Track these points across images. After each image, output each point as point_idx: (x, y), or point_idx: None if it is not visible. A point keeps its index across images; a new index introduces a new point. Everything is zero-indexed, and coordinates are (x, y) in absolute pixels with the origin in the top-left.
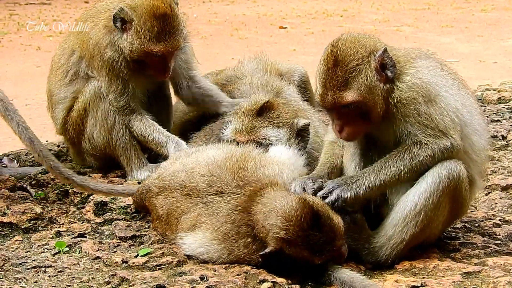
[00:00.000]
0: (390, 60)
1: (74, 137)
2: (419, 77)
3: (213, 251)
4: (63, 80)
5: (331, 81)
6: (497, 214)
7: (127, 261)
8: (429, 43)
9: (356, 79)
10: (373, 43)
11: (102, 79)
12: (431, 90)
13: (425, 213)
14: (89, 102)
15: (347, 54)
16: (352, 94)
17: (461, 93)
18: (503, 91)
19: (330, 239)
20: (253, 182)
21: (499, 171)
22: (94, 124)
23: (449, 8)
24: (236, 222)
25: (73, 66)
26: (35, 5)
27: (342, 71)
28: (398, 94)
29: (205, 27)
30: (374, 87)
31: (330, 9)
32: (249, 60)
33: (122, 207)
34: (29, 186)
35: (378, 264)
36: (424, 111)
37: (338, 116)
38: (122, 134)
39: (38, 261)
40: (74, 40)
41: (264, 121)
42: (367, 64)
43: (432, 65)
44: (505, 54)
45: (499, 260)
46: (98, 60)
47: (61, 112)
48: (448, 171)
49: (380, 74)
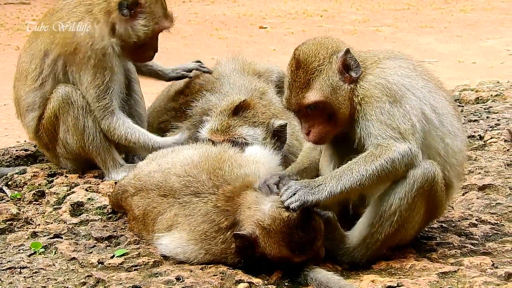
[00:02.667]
0: (353, 61)
1: (48, 143)
2: (384, 77)
3: (190, 251)
4: (33, 84)
5: (294, 83)
6: (473, 214)
7: (103, 262)
8: (408, 43)
9: (317, 80)
10: (336, 45)
11: (85, 74)
12: (397, 91)
13: (400, 214)
14: (59, 108)
15: (309, 56)
16: (314, 94)
17: (433, 95)
18: (480, 91)
19: (312, 239)
20: (230, 181)
21: (476, 171)
22: (66, 130)
23: (428, 9)
24: (215, 222)
25: (47, 68)
26: (14, 5)
27: (304, 73)
28: (361, 92)
29: (185, 26)
30: (338, 88)
31: (310, 9)
32: (226, 61)
33: (99, 207)
34: (5, 186)
35: (354, 264)
36: (388, 110)
37: (305, 118)
38: (93, 138)
39: (13, 262)
40: (47, 40)
41: (240, 120)
42: (329, 65)
43: (401, 66)
44: (484, 54)
45: (475, 260)
46: (84, 53)
47: (32, 121)
48: (422, 171)
49: (343, 75)
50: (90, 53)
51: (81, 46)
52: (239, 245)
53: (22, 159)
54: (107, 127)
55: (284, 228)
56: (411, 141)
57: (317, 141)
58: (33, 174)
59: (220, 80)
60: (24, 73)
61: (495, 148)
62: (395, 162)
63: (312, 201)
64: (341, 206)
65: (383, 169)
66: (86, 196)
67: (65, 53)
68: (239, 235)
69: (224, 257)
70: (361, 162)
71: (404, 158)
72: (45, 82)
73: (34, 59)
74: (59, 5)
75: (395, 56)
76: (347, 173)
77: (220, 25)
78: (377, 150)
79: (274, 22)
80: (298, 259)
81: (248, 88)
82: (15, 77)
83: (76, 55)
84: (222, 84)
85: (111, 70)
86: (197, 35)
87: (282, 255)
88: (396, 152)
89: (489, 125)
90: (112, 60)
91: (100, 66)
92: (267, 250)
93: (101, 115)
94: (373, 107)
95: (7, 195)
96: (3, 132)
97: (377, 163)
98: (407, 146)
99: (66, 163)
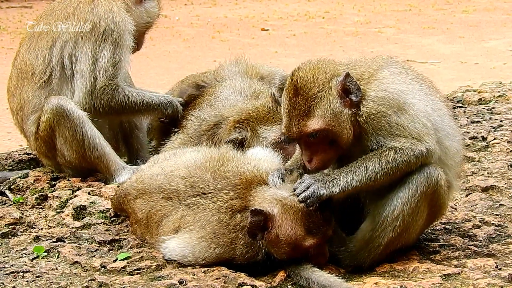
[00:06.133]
0: (353, 85)
1: (47, 153)
2: (384, 89)
3: (199, 249)
4: (41, 79)
5: (294, 111)
6: (477, 216)
7: (105, 266)
8: (410, 44)
9: (318, 107)
10: (333, 68)
11: (105, 50)
12: (399, 99)
13: (403, 218)
14: (53, 121)
15: (307, 82)
16: (316, 122)
17: (429, 97)
18: (483, 92)
19: (327, 222)
20: (238, 174)
21: (479, 172)
22: (64, 142)
23: (430, 10)
24: (227, 209)
25: (55, 57)
26: (16, 9)
27: (304, 100)
28: (365, 110)
29: (187, 29)
30: (339, 113)
31: (312, 11)
32: (229, 64)
33: (101, 211)
34: (8, 190)
35: (358, 267)
36: (395, 121)
37: (306, 146)
38: (94, 146)
39: (16, 266)
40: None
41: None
42: (328, 90)
43: (396, 72)
44: (486, 55)
45: (479, 262)
46: (104, 27)
47: (33, 124)
48: (426, 176)
49: (343, 99)
50: (112, 26)
51: (101, 21)
52: (253, 223)
53: (24, 163)
54: (121, 100)
55: (304, 207)
56: (428, 140)
57: (319, 168)
58: (36, 178)
59: (222, 83)
60: (30, 71)
61: (498, 149)
62: (411, 163)
63: (326, 195)
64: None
65: (398, 169)
66: (88, 199)
67: (78, 34)
68: (257, 211)
69: (233, 248)
70: (376, 160)
71: (419, 159)
72: (53, 75)
73: (40, 53)
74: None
75: (386, 62)
76: (362, 168)
77: (222, 28)
78: (392, 151)
79: (276, 24)
80: (311, 242)
81: (248, 92)
82: (16, 84)
83: (95, 30)
84: (223, 87)
85: (128, 50)
86: (199, 38)
87: (296, 236)
88: (412, 156)
89: (492, 126)
90: (129, 39)
91: (119, 43)
92: (282, 230)
93: (112, 93)
94: (381, 122)
95: (9, 199)
96: (6, 136)
97: (392, 164)
98: (424, 147)
99: (68, 171)
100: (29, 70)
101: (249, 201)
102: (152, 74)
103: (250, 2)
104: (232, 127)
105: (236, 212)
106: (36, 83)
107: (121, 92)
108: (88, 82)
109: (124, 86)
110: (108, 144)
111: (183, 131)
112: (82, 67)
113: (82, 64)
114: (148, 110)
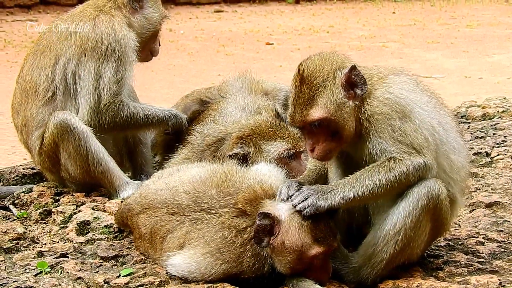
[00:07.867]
0: (359, 78)
1: (52, 167)
2: (391, 92)
3: (205, 264)
4: (45, 97)
5: (298, 99)
6: (480, 232)
7: (109, 282)
8: (415, 58)
9: (321, 96)
10: (341, 61)
11: (108, 68)
12: (405, 106)
13: (405, 232)
14: (57, 135)
15: (313, 71)
16: (318, 110)
17: (438, 110)
18: (487, 108)
19: (333, 233)
20: (243, 189)
21: (483, 188)
22: (67, 157)
23: (434, 24)
24: (232, 227)
25: (58, 74)
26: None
27: (308, 88)
28: (369, 108)
29: (191, 43)
30: (342, 104)
31: (317, 25)
32: (233, 79)
33: (105, 226)
34: (11, 205)
35: (360, 284)
36: (399, 127)
37: (309, 135)
38: (98, 161)
39: (20, 282)
40: (57, 47)
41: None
42: (333, 81)
43: (406, 81)
44: (491, 70)
45: (482, 279)
46: (107, 45)
47: (37, 140)
48: (427, 190)
49: (347, 91)
50: (114, 44)
51: (103, 38)
52: (260, 226)
53: (28, 177)
54: (126, 116)
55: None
56: (426, 154)
57: (321, 158)
58: (40, 192)
59: (226, 99)
60: (33, 88)
61: (502, 165)
62: (409, 175)
63: (324, 207)
64: (346, 224)
65: (397, 181)
66: (92, 215)
67: (81, 52)
68: (265, 214)
69: (240, 262)
70: (375, 171)
71: (418, 172)
72: (57, 92)
73: (43, 71)
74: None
75: (399, 72)
76: (360, 181)
77: (227, 42)
78: (391, 161)
79: (281, 38)
80: (317, 250)
81: (252, 108)
82: (20, 101)
83: (98, 48)
84: (227, 103)
85: (131, 66)
86: (204, 52)
87: (302, 242)
88: (410, 167)
89: (496, 142)
90: (132, 55)
91: (122, 60)
92: (288, 236)
93: (117, 109)
94: (384, 125)
95: (13, 214)
96: (11, 150)
97: (391, 175)
98: (422, 160)
99: (72, 186)
100: (32, 87)
101: (255, 213)
102: (156, 87)
103: (255, 17)
104: (235, 143)
105: (243, 221)
106: (40, 100)
107: (126, 108)
108: (92, 99)
109: (129, 102)
110: (112, 159)
111: (187, 146)
112: (86, 85)
113: (86, 81)
114: (153, 124)
